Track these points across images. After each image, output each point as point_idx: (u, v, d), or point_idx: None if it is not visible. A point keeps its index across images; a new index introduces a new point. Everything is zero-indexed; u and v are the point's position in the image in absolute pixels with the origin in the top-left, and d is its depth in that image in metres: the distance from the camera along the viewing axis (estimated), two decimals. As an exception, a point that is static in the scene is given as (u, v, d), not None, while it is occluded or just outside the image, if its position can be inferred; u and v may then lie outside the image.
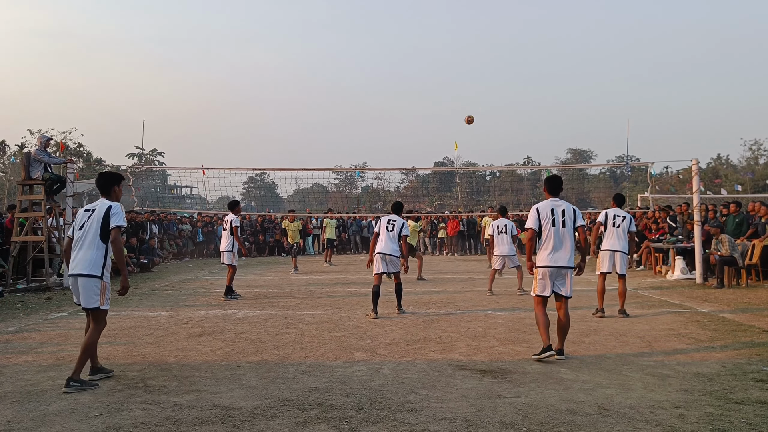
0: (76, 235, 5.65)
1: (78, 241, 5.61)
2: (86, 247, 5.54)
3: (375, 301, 9.27)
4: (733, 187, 33.94)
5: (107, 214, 5.57)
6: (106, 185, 5.85)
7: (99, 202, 5.78)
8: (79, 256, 5.55)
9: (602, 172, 74.00)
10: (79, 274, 5.50)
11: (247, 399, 5.00)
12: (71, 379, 5.31)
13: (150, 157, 64.99)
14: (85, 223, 5.62)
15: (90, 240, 5.55)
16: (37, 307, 10.61)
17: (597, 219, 9.47)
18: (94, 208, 5.68)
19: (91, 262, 5.49)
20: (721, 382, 5.41)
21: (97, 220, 5.57)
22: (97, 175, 6.01)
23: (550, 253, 6.38)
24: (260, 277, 16.23)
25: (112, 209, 5.60)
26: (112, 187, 5.87)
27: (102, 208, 5.63)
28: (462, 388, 5.31)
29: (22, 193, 13.86)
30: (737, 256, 12.63)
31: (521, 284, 11.93)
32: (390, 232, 9.52)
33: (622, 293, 9.19)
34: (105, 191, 5.84)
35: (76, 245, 5.63)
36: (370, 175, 74.56)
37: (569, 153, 79.93)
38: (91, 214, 5.65)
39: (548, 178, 6.87)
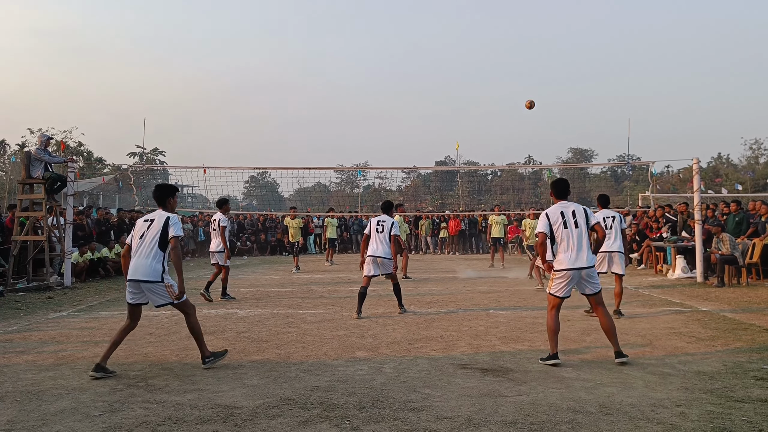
0: (136, 243, 6.02)
1: (138, 249, 5.98)
2: (146, 255, 5.92)
3: (360, 302, 9.36)
4: (734, 186, 33.93)
5: (166, 224, 5.97)
6: (162, 197, 6.24)
7: (157, 213, 6.14)
8: (140, 263, 5.92)
9: (603, 171, 73.97)
10: (141, 280, 5.90)
11: (248, 398, 5.00)
12: (205, 356, 6.05)
13: (151, 156, 64.97)
14: (145, 233, 6.01)
15: (150, 248, 5.94)
16: (38, 306, 10.61)
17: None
18: (153, 219, 6.07)
19: (152, 269, 5.88)
20: (721, 381, 5.41)
21: (157, 230, 5.96)
22: (154, 187, 6.35)
23: (569, 255, 6.22)
24: (262, 277, 16.24)
25: (171, 220, 6.00)
26: (168, 198, 6.25)
27: (161, 218, 6.02)
28: (463, 386, 5.31)
29: (23, 192, 13.87)
30: (738, 255, 12.63)
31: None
32: (380, 233, 9.54)
33: (618, 294, 9.18)
34: (161, 203, 6.23)
35: (136, 252, 5.99)
36: (372, 174, 74.62)
37: (570, 152, 79.93)
38: (151, 224, 6.04)
39: (553, 182, 6.71)
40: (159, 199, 6.25)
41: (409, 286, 13.07)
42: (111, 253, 16.59)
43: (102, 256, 16.04)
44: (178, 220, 6.10)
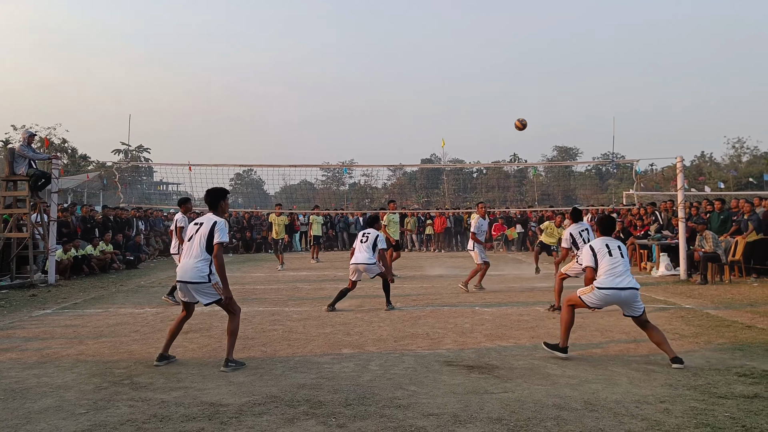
0: (186, 245, 6.21)
1: (187, 251, 6.15)
2: (193, 257, 6.06)
3: (337, 298, 9.69)
4: (717, 185, 34.30)
5: (212, 230, 6.05)
6: (214, 201, 6.30)
7: (206, 217, 6.23)
8: (188, 264, 6.07)
9: (588, 169, 74.45)
10: (189, 281, 6.05)
11: (234, 396, 4.99)
12: (228, 360, 5.99)
13: (136, 153, 64.44)
14: (193, 236, 6.16)
15: (197, 251, 6.06)
16: (22, 304, 10.51)
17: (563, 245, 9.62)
18: (202, 222, 6.18)
19: (199, 271, 6.00)
20: (705, 377, 5.47)
21: (204, 235, 6.07)
22: (206, 192, 6.40)
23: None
24: (247, 274, 16.18)
25: (218, 225, 6.08)
26: (219, 202, 6.31)
27: (208, 223, 6.11)
28: (449, 383, 5.33)
29: (6, 189, 13.71)
30: (720, 253, 12.78)
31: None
32: (363, 243, 9.79)
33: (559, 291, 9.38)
34: (213, 206, 6.30)
35: (185, 254, 6.18)
36: (358, 172, 74.62)
37: (555, 150, 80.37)
38: (199, 228, 6.15)
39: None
40: (211, 203, 6.31)
41: (396, 284, 13.09)
42: (95, 251, 16.45)
43: (86, 254, 15.90)
44: (224, 226, 6.15)
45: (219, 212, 6.29)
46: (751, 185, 39.81)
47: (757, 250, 13.12)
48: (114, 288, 12.98)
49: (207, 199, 6.36)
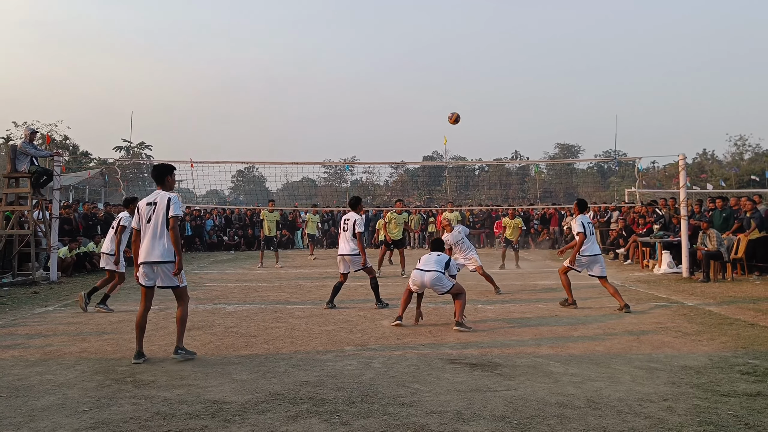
0: (144, 227, 6.20)
1: (148, 232, 6.17)
2: (158, 236, 6.13)
3: (333, 294, 9.69)
4: (719, 182, 34.24)
5: (168, 204, 6.12)
6: (160, 176, 6.34)
7: (158, 194, 6.27)
8: (153, 245, 6.12)
9: (590, 167, 74.33)
10: (157, 261, 6.11)
11: (237, 393, 4.99)
12: (178, 347, 6.21)
13: (137, 150, 64.44)
14: (151, 216, 6.17)
15: (160, 230, 6.13)
16: (24, 301, 10.52)
17: (576, 229, 9.51)
18: (156, 201, 6.20)
19: (166, 250, 6.10)
20: (708, 375, 5.47)
21: (163, 212, 6.13)
22: (152, 167, 6.49)
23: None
24: (249, 271, 16.18)
25: (172, 201, 6.16)
26: (166, 176, 6.36)
27: (163, 200, 6.17)
28: (452, 381, 5.33)
29: (8, 186, 13.72)
30: (723, 251, 12.76)
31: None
32: (345, 232, 9.80)
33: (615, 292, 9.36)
34: (160, 181, 6.34)
35: (145, 236, 6.18)
36: (359, 169, 74.58)
37: (557, 148, 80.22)
38: (155, 207, 6.18)
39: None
40: (157, 178, 6.36)
41: (398, 281, 13.09)
42: (97, 248, 16.45)
43: (88, 251, 15.91)
44: (178, 200, 6.24)
45: (167, 188, 6.35)
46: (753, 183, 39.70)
47: (759, 247, 13.10)
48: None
49: (154, 174, 6.43)
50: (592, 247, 9.45)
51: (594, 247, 9.49)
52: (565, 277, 9.61)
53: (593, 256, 9.42)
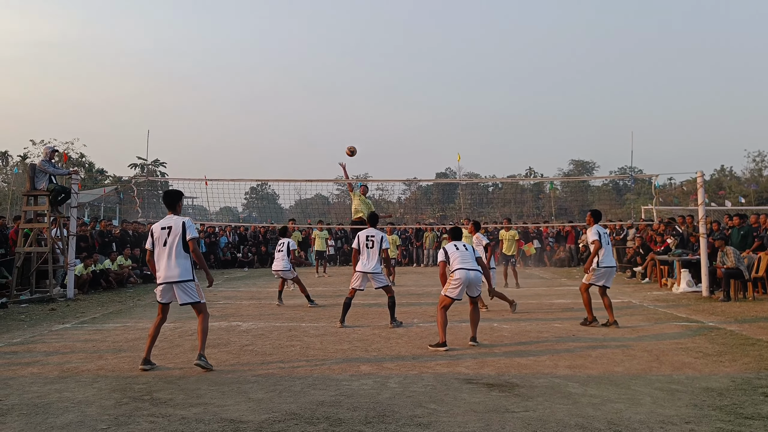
0: (158, 249, 6.62)
1: (164, 254, 6.58)
2: (174, 258, 6.55)
3: (344, 312, 9.68)
4: (737, 199, 33.90)
5: (184, 228, 6.58)
6: (172, 202, 6.82)
7: (171, 218, 6.71)
8: (171, 266, 6.56)
9: (605, 183, 73.92)
10: (176, 281, 6.55)
11: (254, 412, 4.98)
12: (201, 354, 6.53)
13: (152, 167, 65.06)
14: (167, 240, 6.57)
15: (176, 252, 6.55)
16: (41, 318, 10.59)
17: (591, 237, 9.45)
18: (170, 225, 6.64)
19: (184, 270, 6.55)
20: (730, 397, 5.38)
21: (179, 236, 6.56)
22: (164, 193, 6.97)
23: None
24: (263, 289, 16.21)
25: (187, 224, 6.63)
26: (177, 203, 6.84)
27: (178, 224, 6.62)
28: (470, 402, 5.28)
29: (27, 203, 13.88)
30: (743, 269, 12.59)
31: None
32: (370, 249, 9.70)
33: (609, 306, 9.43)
34: (172, 207, 6.80)
35: (161, 257, 6.59)
36: (372, 186, 74.63)
37: (572, 164, 79.91)
38: (170, 230, 6.60)
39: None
40: (170, 205, 6.81)
41: (412, 300, 13.04)
42: (113, 265, 16.58)
43: (104, 268, 16.03)
44: (192, 223, 6.70)
45: (178, 212, 6.80)
46: (773, 200, 39.27)
47: (780, 266, 12.92)
48: (131, 302, 13.05)
49: (166, 200, 6.85)
50: (609, 258, 9.42)
51: (610, 258, 9.47)
52: (586, 295, 9.51)
53: (610, 267, 9.40)
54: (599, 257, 9.35)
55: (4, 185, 54.17)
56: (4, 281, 13.11)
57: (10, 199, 44.84)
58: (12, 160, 57.76)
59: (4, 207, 45.49)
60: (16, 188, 44.53)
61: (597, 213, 9.84)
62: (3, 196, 50.82)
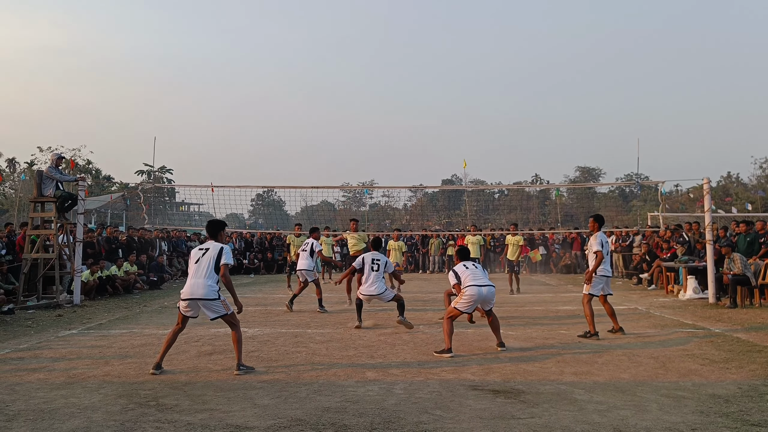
0: (192, 267, 6.94)
1: (193, 272, 6.89)
2: (203, 277, 6.81)
3: (359, 313, 10.09)
4: (744, 206, 33.78)
5: (221, 252, 6.91)
6: (214, 232, 7.19)
7: (210, 243, 7.06)
8: (198, 283, 6.81)
9: (611, 190, 73.78)
10: (201, 298, 6.80)
11: (260, 418, 4.98)
12: (240, 364, 6.83)
13: (159, 174, 65.31)
14: (200, 259, 6.92)
15: (206, 272, 6.83)
16: (48, 324, 10.63)
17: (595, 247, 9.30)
18: (208, 248, 6.98)
19: (209, 289, 6.80)
20: (737, 404, 5.35)
21: (211, 257, 6.89)
22: (207, 222, 7.36)
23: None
24: (269, 295, 16.22)
25: (224, 250, 6.95)
26: (219, 232, 7.21)
27: (215, 248, 6.95)
28: (475, 408, 5.27)
29: (34, 210, 13.96)
30: (750, 276, 12.54)
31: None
32: (375, 272, 10.06)
33: (611, 313, 9.37)
34: (213, 236, 7.17)
35: (193, 275, 6.88)
36: (378, 192, 74.69)
37: (578, 171, 79.80)
38: (205, 252, 6.95)
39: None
40: (212, 233, 7.18)
41: (417, 305, 13.03)
42: (120, 271, 16.64)
43: (111, 274, 16.08)
44: (229, 250, 7.02)
45: (219, 240, 7.16)
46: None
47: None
48: (138, 308, 13.08)
49: (209, 230, 7.25)
50: (606, 267, 9.33)
51: (608, 267, 9.38)
52: (588, 308, 9.12)
53: (607, 277, 9.32)
54: (600, 266, 9.22)
55: (12, 192, 54.46)
56: (11, 287, 13.16)
57: (17, 205, 45.04)
58: (19, 167, 58.15)
59: (11, 213, 45.71)
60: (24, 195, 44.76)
61: (600, 218, 9.68)
62: (10, 203, 51.09)
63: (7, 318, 11.24)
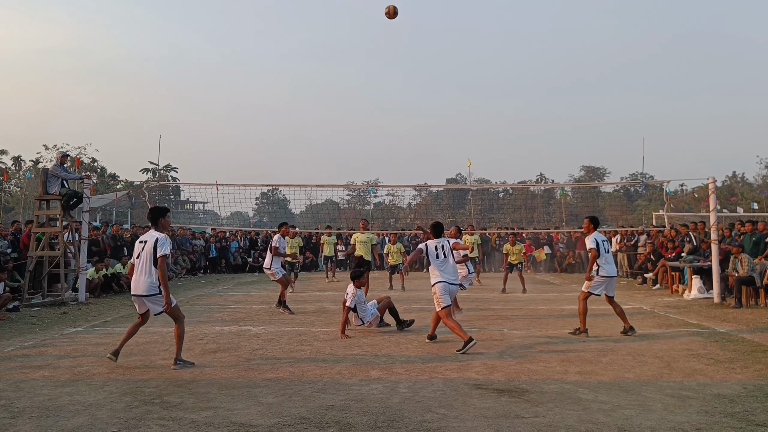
0: (134, 262, 6.95)
1: (137, 268, 6.90)
2: (144, 272, 6.83)
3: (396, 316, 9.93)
4: (749, 205, 33.65)
5: (155, 245, 6.79)
6: (155, 219, 7.09)
7: (149, 234, 6.99)
8: (140, 280, 6.86)
9: (616, 189, 73.62)
10: (143, 294, 6.85)
11: (264, 416, 4.99)
12: (177, 359, 6.91)
13: (164, 172, 65.43)
14: (140, 254, 6.87)
15: (146, 267, 6.82)
16: (53, 321, 10.67)
17: (589, 245, 9.24)
18: (146, 240, 6.92)
19: (150, 285, 6.81)
20: (742, 404, 5.34)
21: (150, 252, 6.81)
22: (149, 210, 7.25)
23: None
24: (274, 294, 16.19)
25: (159, 241, 6.83)
26: (160, 219, 7.09)
27: (152, 240, 6.86)
28: (479, 407, 5.27)
29: (39, 208, 14.00)
30: (755, 276, 12.49)
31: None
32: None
33: (620, 312, 9.24)
34: (154, 222, 7.08)
35: (136, 271, 6.92)
36: (383, 191, 74.62)
37: (583, 170, 79.64)
38: (144, 245, 6.88)
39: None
40: (152, 220, 7.10)
41: (422, 305, 13.02)
42: (125, 269, 16.68)
43: (116, 272, 16.12)
44: (165, 240, 6.90)
45: (160, 228, 7.05)
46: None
47: (792, 273, 12.80)
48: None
49: (150, 216, 7.16)
50: (609, 267, 9.15)
51: (611, 266, 9.19)
52: (583, 304, 9.15)
53: (610, 277, 9.12)
54: (598, 265, 9.15)
55: (17, 189, 54.67)
56: (16, 285, 13.21)
57: (23, 203, 45.19)
58: (25, 165, 58.35)
59: (17, 211, 45.88)
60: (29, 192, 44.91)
61: (595, 219, 9.58)
62: (16, 201, 51.28)
63: (13, 315, 11.28)
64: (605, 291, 9.22)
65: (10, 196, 55.12)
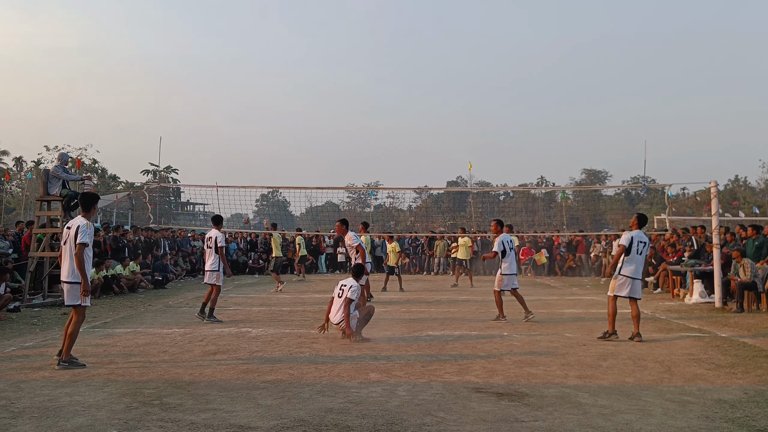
0: (62, 248, 6.94)
1: (64, 254, 6.90)
2: (67, 258, 6.83)
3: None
4: (752, 210, 33.63)
5: (77, 232, 6.75)
6: (88, 205, 7.09)
7: (74, 220, 6.96)
8: (64, 266, 6.86)
9: (617, 193, 73.57)
10: (66, 281, 6.84)
11: (263, 418, 4.98)
12: (61, 359, 6.78)
13: (164, 174, 65.46)
14: (67, 240, 6.85)
15: (70, 253, 6.78)
16: (54, 322, 10.66)
17: (621, 241, 9.17)
18: (71, 226, 6.89)
19: (71, 271, 6.78)
20: (743, 409, 5.32)
21: (72, 237, 6.77)
22: (80, 195, 7.26)
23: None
24: (274, 295, 16.22)
25: (80, 228, 6.78)
26: (93, 206, 7.17)
27: (74, 227, 6.82)
28: (479, 411, 5.26)
29: (40, 208, 14.00)
30: (757, 281, 12.46)
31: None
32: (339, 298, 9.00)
33: (636, 316, 9.06)
34: (86, 209, 7.05)
35: (64, 257, 6.89)
36: (383, 194, 74.66)
37: (584, 173, 79.63)
38: (69, 231, 6.85)
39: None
40: (85, 206, 7.07)
41: (422, 307, 13.02)
42: (125, 270, 16.68)
43: (116, 273, 16.12)
44: (86, 227, 6.83)
45: (91, 214, 7.07)
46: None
47: (794, 278, 12.76)
48: (142, 308, 13.11)
49: (82, 200, 7.15)
50: (631, 268, 8.93)
51: (633, 268, 8.94)
52: (612, 306, 9.00)
53: (631, 278, 8.93)
54: (620, 264, 9.01)
55: (18, 190, 54.73)
56: (17, 285, 13.21)
57: (24, 204, 45.24)
58: (26, 166, 58.42)
59: (18, 212, 45.92)
60: (30, 193, 44.95)
61: (643, 217, 9.41)
62: (17, 201, 51.32)
63: (13, 316, 11.28)
64: (629, 293, 8.98)
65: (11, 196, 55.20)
